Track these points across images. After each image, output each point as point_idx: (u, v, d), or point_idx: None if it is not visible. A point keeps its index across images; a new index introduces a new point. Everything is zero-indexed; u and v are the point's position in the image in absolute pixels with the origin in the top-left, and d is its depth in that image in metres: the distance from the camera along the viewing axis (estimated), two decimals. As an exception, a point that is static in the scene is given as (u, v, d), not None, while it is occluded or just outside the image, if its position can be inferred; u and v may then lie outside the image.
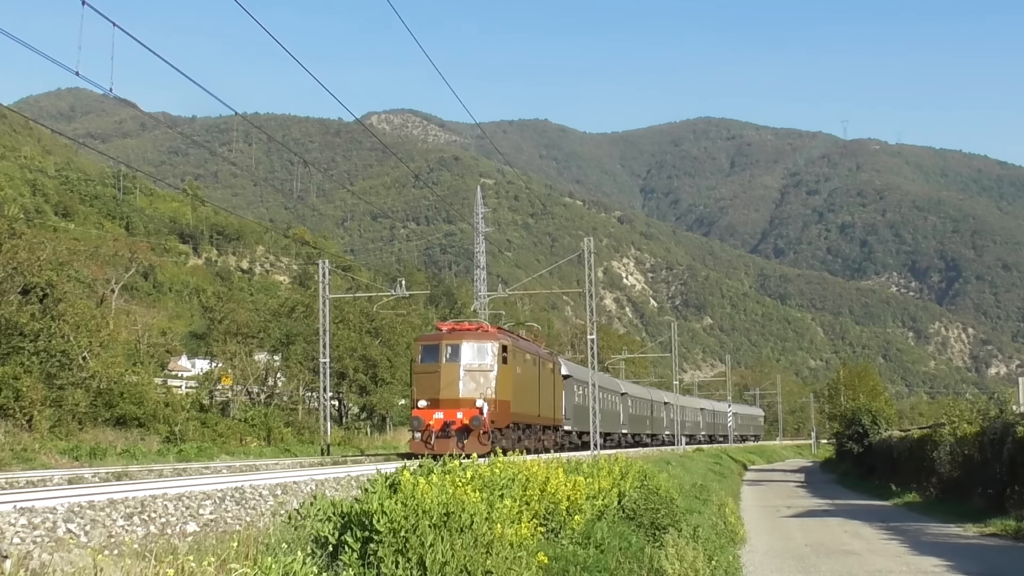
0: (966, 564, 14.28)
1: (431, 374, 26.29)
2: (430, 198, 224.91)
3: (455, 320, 31.10)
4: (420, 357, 27.30)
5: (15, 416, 26.49)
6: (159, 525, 8.36)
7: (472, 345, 26.66)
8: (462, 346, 26.61)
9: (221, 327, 49.22)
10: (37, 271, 32.54)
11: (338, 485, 12.34)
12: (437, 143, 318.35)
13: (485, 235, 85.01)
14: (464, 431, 25.12)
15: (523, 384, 29.10)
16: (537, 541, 8.48)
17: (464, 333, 27.46)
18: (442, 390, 25.86)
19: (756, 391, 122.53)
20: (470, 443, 24.50)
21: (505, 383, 26.82)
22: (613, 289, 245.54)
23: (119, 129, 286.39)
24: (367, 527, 6.65)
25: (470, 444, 24.44)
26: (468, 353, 26.51)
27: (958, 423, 27.55)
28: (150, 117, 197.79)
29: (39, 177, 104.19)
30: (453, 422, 25.20)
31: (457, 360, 26.38)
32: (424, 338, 28.90)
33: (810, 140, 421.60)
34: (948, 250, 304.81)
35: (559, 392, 35.31)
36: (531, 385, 30.35)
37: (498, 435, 26.15)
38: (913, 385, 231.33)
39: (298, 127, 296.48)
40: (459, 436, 24.95)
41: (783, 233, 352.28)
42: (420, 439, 25.30)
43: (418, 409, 25.91)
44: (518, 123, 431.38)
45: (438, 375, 26.11)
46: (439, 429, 25.19)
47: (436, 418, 25.38)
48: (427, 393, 26.00)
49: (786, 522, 22.70)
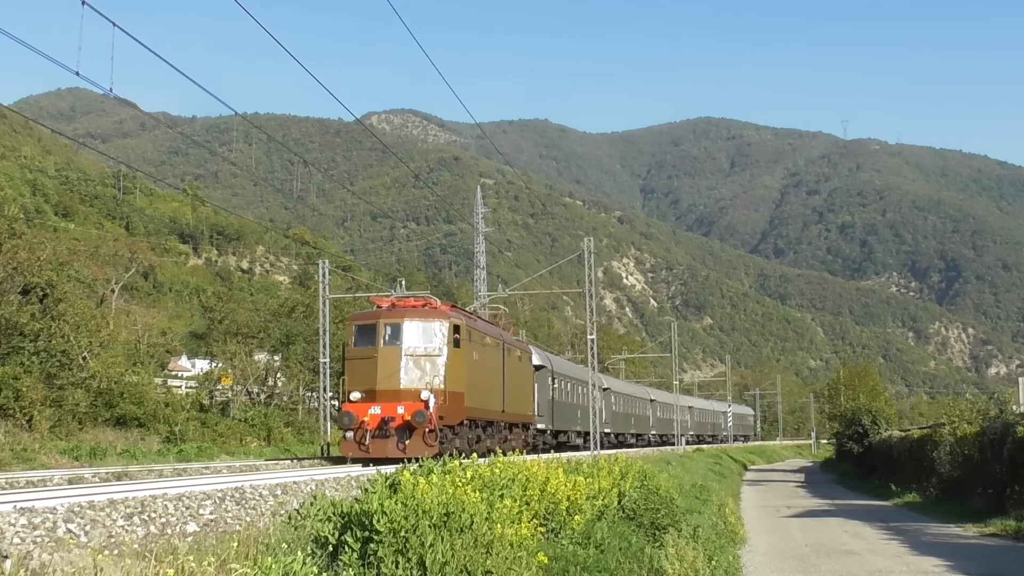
0: (966, 564, 14.28)
1: (366, 360, 22.20)
2: (430, 198, 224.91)
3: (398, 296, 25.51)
4: (353, 340, 23.02)
5: (15, 416, 26.51)
6: (159, 525, 8.36)
7: (416, 325, 22.40)
8: (404, 326, 22.33)
9: (221, 327, 49.24)
10: (37, 271, 32.55)
11: (338, 485, 12.34)
12: (437, 143, 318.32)
13: (485, 235, 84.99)
14: (406, 429, 21.11)
15: (482, 373, 24.87)
16: (537, 541, 8.48)
17: (407, 310, 22.99)
18: (379, 380, 21.80)
19: (756, 391, 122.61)
20: (413, 444, 20.82)
21: (457, 371, 22.66)
22: (613, 289, 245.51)
23: (119, 129, 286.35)
24: (367, 527, 6.66)
25: (413, 445, 20.73)
26: (412, 334, 22.26)
27: (958, 423, 27.57)
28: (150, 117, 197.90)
29: (39, 177, 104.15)
30: (392, 418, 21.12)
31: (398, 343, 22.15)
32: (358, 317, 24.36)
33: (810, 140, 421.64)
34: (948, 250, 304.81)
35: (529, 384, 31.26)
36: (493, 375, 26.13)
37: (449, 434, 22.37)
38: (913, 385, 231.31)
39: (298, 127, 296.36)
40: (399, 435, 21.05)
41: (783, 233, 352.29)
42: (352, 439, 21.33)
43: (350, 403, 21.76)
44: (518, 123, 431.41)
45: (375, 361, 21.99)
46: (375, 427, 21.16)
47: (372, 414, 21.22)
48: (361, 383, 21.97)
49: (786, 522, 22.70)
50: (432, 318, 22.70)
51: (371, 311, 24.27)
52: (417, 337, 22.30)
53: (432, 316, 22.80)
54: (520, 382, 29.58)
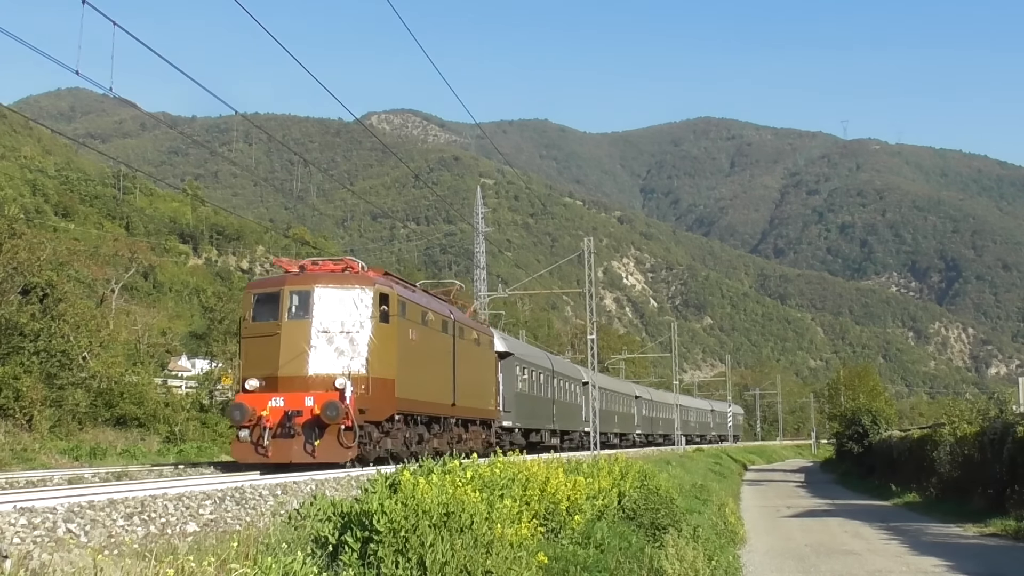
0: (966, 564, 14.28)
1: (267, 339, 17.69)
2: (430, 198, 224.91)
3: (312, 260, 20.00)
4: (252, 313, 18.39)
5: (15, 416, 26.52)
6: (159, 525, 8.36)
7: (332, 292, 17.90)
8: (315, 294, 17.78)
9: (221, 327, 49.25)
10: (37, 271, 32.55)
11: (338, 485, 12.34)
12: (437, 143, 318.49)
13: (485, 235, 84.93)
14: (315, 426, 16.76)
15: (423, 357, 20.35)
16: (537, 541, 8.48)
17: (320, 275, 18.41)
18: (282, 363, 17.34)
19: (756, 391, 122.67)
20: (324, 445, 16.70)
21: (386, 352, 18.23)
22: (613, 289, 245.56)
23: (119, 129, 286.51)
24: (367, 527, 6.66)
25: (324, 447, 16.70)
26: (325, 305, 17.77)
27: (958, 423, 27.56)
28: (150, 117, 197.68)
29: (39, 177, 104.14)
30: (298, 412, 16.77)
31: (307, 315, 17.66)
32: (258, 284, 19.87)
33: (810, 140, 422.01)
34: (948, 250, 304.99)
35: (491, 374, 26.87)
36: (439, 360, 21.63)
37: (375, 432, 18.01)
38: (913, 385, 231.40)
39: (298, 127, 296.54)
40: (307, 434, 16.77)
41: (783, 233, 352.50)
42: (248, 439, 16.91)
43: (245, 393, 17.38)
44: (518, 123, 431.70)
45: (277, 339, 17.50)
46: (276, 424, 16.81)
47: (272, 407, 16.85)
48: (260, 368, 17.56)
49: (786, 522, 22.70)
50: (353, 284, 18.14)
51: (275, 276, 19.82)
52: (333, 308, 17.80)
53: (352, 282, 18.22)
54: (478, 370, 25.02)
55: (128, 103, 61.32)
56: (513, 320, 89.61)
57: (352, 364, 17.53)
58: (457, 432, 23.09)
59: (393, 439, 18.76)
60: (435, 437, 21.41)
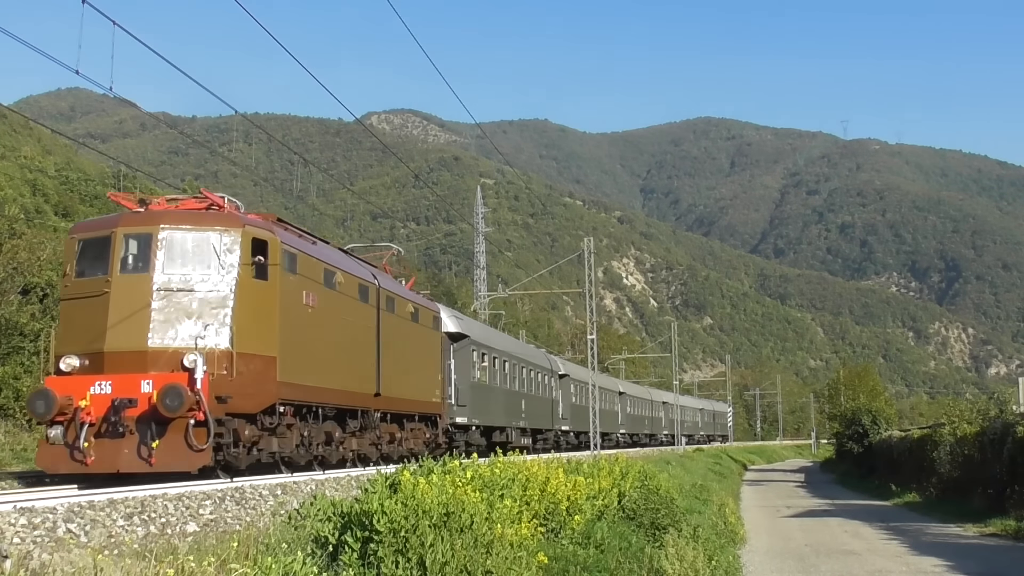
0: (966, 564, 14.29)
1: (91, 300, 12.96)
2: (430, 198, 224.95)
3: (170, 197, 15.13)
4: (75, 266, 13.47)
5: (15, 416, 26.52)
6: (159, 525, 8.36)
7: (183, 236, 13.15)
8: (159, 239, 13.02)
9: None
10: (37, 271, 32.56)
11: (338, 485, 12.33)
12: (437, 143, 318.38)
13: (485, 235, 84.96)
14: (153, 421, 12.10)
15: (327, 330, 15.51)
16: (537, 541, 8.49)
17: (166, 214, 13.58)
18: (111, 334, 12.60)
19: (756, 391, 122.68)
20: (165, 447, 12.05)
21: (263, 320, 13.51)
22: (613, 289, 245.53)
23: (119, 129, 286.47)
24: (367, 527, 6.66)
25: (165, 450, 12.04)
26: (173, 253, 13.06)
27: (958, 423, 27.56)
28: (150, 117, 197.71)
29: (39, 177, 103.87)
30: (131, 402, 12.09)
31: (147, 268, 12.93)
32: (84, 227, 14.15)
33: (810, 140, 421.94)
34: (948, 250, 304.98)
35: (434, 359, 22.02)
36: (354, 336, 16.77)
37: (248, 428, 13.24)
38: (913, 385, 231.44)
39: (298, 127, 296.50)
40: (143, 433, 12.07)
41: (783, 233, 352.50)
42: (61, 440, 12.24)
43: (57, 376, 12.74)
44: (518, 123, 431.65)
45: (105, 300, 12.75)
46: (100, 419, 12.11)
47: (95, 394, 12.17)
48: (79, 341, 12.89)
49: (786, 522, 22.70)
50: (211, 225, 13.36)
51: (108, 216, 14.49)
52: (183, 259, 13.06)
53: (211, 222, 13.45)
54: (416, 353, 20.45)
55: (128, 103, 61.30)
56: (513, 320, 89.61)
57: (210, 335, 12.79)
58: (387, 430, 18.58)
59: (282, 439, 14.11)
60: (352, 436, 16.82)
